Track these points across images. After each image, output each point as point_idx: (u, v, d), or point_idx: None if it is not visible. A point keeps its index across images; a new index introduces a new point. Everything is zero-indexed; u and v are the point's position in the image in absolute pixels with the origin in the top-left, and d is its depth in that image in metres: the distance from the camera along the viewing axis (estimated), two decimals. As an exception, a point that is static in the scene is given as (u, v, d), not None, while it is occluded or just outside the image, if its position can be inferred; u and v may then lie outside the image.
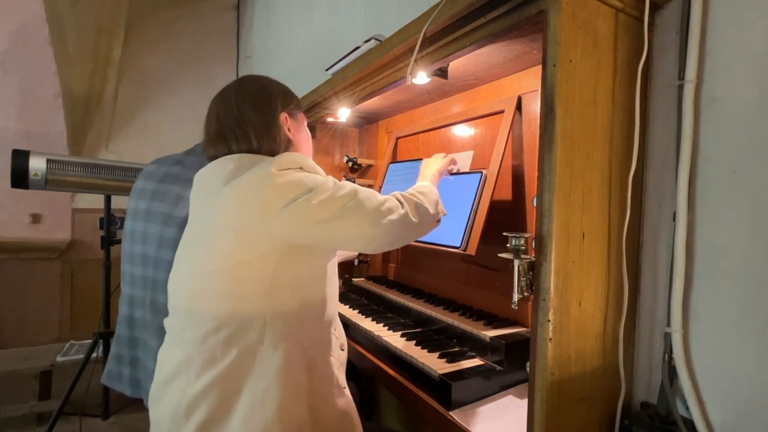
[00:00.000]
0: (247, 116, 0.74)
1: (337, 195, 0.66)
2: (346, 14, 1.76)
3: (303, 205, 0.63)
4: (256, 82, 0.79)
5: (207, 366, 0.63)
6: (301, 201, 0.63)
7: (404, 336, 1.01)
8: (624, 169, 0.68)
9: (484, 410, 0.75)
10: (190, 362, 0.65)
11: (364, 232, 0.68)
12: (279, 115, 0.77)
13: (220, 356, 0.63)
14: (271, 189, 0.63)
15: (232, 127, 0.74)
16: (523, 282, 0.66)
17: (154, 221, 0.98)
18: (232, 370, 0.63)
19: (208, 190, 0.71)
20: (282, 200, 0.63)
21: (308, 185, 0.65)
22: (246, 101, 0.76)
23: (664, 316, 0.68)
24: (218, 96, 0.79)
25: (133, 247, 1.01)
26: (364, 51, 1.05)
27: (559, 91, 0.60)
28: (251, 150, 0.74)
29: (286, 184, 0.64)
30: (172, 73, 3.15)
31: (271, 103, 0.77)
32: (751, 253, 0.61)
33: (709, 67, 0.66)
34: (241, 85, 0.79)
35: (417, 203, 0.77)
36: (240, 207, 0.64)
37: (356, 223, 0.67)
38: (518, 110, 1.00)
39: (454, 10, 0.72)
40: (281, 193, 0.63)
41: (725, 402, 0.63)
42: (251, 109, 0.75)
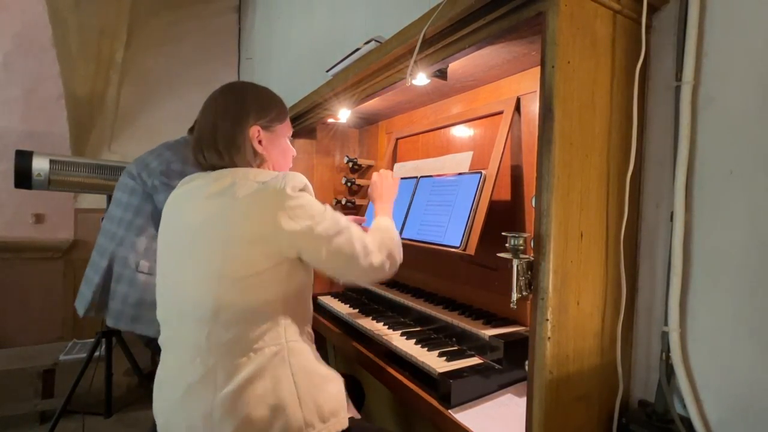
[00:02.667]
0: (219, 126, 0.77)
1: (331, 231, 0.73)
2: (346, 16, 1.77)
3: (308, 232, 0.70)
4: (235, 92, 0.80)
5: (236, 371, 0.66)
6: (307, 226, 0.70)
7: (404, 335, 1.02)
8: (622, 169, 0.69)
9: (483, 408, 0.76)
10: (216, 369, 0.66)
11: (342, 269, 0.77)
12: (248, 127, 0.78)
13: (252, 357, 0.67)
14: (283, 210, 0.69)
15: (205, 135, 0.78)
16: (522, 281, 0.67)
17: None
18: (263, 368, 0.67)
19: (203, 199, 0.74)
20: (293, 223, 0.69)
21: (313, 212, 0.72)
22: (220, 110, 0.78)
23: (662, 316, 0.69)
24: (205, 101, 0.82)
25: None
26: (364, 52, 1.06)
27: (557, 92, 0.60)
28: (221, 161, 0.77)
29: (297, 207, 0.70)
30: (173, 74, 3.16)
31: (242, 115, 0.78)
32: (747, 253, 0.61)
33: (706, 69, 0.66)
34: (221, 93, 0.81)
35: (389, 253, 0.82)
36: (255, 221, 0.69)
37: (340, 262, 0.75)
38: (517, 111, 1.00)
39: (454, 12, 0.73)
40: (293, 216, 0.70)
41: (722, 400, 0.63)
42: (222, 119, 0.77)
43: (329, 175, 1.60)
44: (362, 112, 1.45)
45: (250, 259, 0.68)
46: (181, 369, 0.70)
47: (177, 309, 0.74)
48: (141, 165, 1.30)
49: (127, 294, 1.27)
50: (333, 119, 1.44)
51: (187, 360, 0.69)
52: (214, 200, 0.72)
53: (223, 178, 0.74)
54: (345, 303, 1.31)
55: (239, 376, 0.65)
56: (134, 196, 1.29)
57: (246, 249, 0.68)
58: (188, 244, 0.73)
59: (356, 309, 1.24)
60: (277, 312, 0.71)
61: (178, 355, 0.72)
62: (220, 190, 0.72)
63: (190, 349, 0.70)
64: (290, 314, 0.73)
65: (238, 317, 0.67)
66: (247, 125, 0.77)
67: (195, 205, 0.75)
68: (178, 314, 0.74)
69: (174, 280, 0.75)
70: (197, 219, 0.73)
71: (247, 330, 0.67)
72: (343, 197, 1.57)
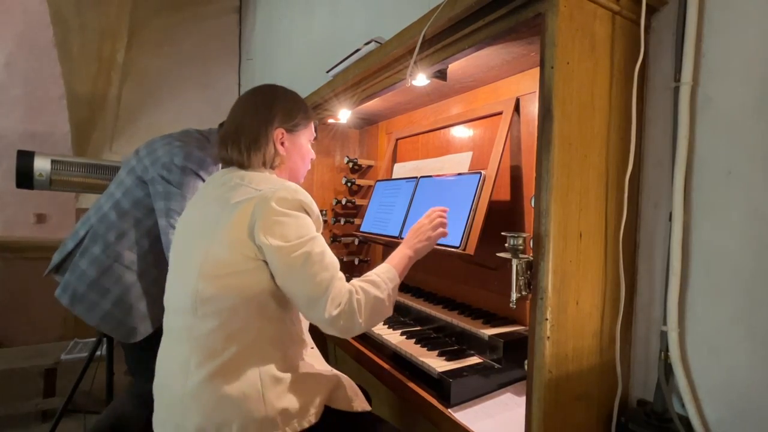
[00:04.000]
0: (244, 124, 0.81)
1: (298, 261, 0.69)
2: (346, 17, 1.77)
3: (276, 251, 0.69)
4: (264, 94, 0.85)
5: (207, 359, 0.68)
6: (276, 246, 0.68)
7: (404, 334, 1.02)
8: (621, 169, 0.69)
9: (482, 408, 0.76)
10: (192, 355, 0.70)
11: (302, 307, 0.71)
12: (273, 129, 0.81)
13: (221, 351, 0.69)
14: (261, 221, 0.69)
15: (231, 131, 0.82)
16: (522, 281, 0.67)
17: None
18: (231, 364, 0.68)
19: (211, 200, 0.78)
20: (262, 236, 0.69)
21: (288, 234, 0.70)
22: (248, 110, 0.82)
23: (660, 315, 0.69)
24: (236, 101, 0.86)
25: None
26: (365, 53, 1.06)
27: (556, 92, 0.61)
28: (241, 160, 0.80)
29: (275, 223, 0.69)
30: (174, 75, 3.17)
31: (268, 116, 0.81)
32: (745, 253, 0.61)
33: (704, 69, 0.66)
34: (252, 94, 0.85)
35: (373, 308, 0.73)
36: (236, 226, 0.70)
37: (301, 299, 0.70)
38: (516, 112, 1.01)
39: (453, 13, 0.73)
40: (266, 230, 0.69)
41: (720, 399, 0.64)
42: (249, 117, 0.81)
43: (330, 175, 1.61)
44: (362, 113, 1.45)
45: (229, 259, 0.70)
46: (168, 354, 0.77)
47: (171, 299, 0.79)
48: (149, 149, 1.24)
49: (85, 271, 1.18)
50: (333, 120, 1.44)
51: (172, 347, 0.76)
52: (215, 202, 0.76)
53: (230, 182, 0.77)
54: (345, 303, 1.31)
55: (208, 367, 0.68)
56: (129, 176, 1.24)
57: (225, 250, 0.70)
58: (187, 240, 0.78)
59: (356, 309, 1.24)
60: (256, 311, 0.71)
61: (168, 341, 0.78)
62: (222, 193, 0.76)
63: (175, 337, 0.75)
64: (271, 314, 0.72)
65: (215, 312, 0.69)
66: (273, 127, 0.81)
67: (202, 204, 0.80)
68: (171, 304, 0.79)
69: (173, 273, 0.80)
70: (198, 217, 0.78)
71: (223, 325, 0.69)
72: (343, 197, 1.58)
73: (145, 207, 1.20)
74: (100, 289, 1.16)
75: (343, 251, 1.63)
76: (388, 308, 0.77)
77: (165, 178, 1.17)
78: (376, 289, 0.75)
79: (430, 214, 0.89)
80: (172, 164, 1.17)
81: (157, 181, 1.17)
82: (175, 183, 1.16)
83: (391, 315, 1.17)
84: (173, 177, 1.16)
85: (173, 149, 1.20)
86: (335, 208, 1.60)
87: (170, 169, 1.17)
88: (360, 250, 1.67)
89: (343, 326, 0.70)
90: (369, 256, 1.64)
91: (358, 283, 0.75)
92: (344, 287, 0.72)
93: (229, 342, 0.69)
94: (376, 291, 0.74)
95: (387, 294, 0.76)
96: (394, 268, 0.80)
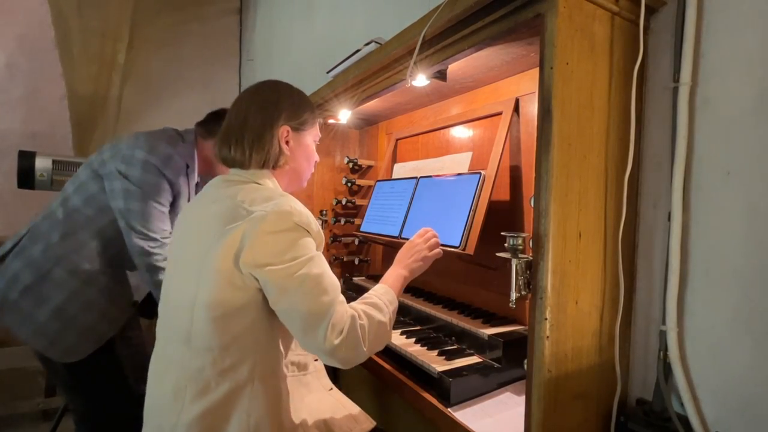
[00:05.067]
0: (249, 120, 0.76)
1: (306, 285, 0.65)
2: (346, 17, 1.77)
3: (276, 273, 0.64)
4: (271, 89, 0.80)
5: (201, 394, 0.66)
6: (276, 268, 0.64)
7: (404, 334, 1.02)
8: (620, 169, 0.70)
9: (482, 407, 0.76)
10: (186, 388, 0.67)
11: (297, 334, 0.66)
12: (279, 126, 0.76)
13: (214, 387, 0.66)
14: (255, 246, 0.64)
15: (235, 129, 0.77)
16: (521, 281, 0.67)
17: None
18: (223, 401, 0.66)
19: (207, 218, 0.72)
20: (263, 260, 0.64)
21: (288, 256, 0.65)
22: (253, 106, 0.77)
23: (660, 315, 0.69)
24: (238, 96, 0.81)
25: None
26: (365, 54, 1.07)
27: (556, 93, 0.61)
28: (243, 159, 0.75)
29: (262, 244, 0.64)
30: (175, 75, 3.17)
31: (274, 113, 0.76)
32: (744, 253, 0.62)
33: (703, 70, 0.67)
34: (257, 89, 0.80)
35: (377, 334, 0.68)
36: (227, 258, 0.65)
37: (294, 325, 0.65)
38: (516, 112, 1.01)
39: (453, 14, 0.74)
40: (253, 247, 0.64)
41: (719, 399, 0.64)
42: (254, 114, 0.76)
43: (330, 176, 1.61)
44: (362, 113, 1.46)
45: (218, 298, 0.66)
46: (162, 376, 0.72)
47: (165, 321, 0.75)
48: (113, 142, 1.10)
49: (18, 274, 0.99)
50: (334, 120, 1.45)
51: (168, 369, 0.71)
52: (208, 222, 0.71)
53: (225, 200, 0.71)
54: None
55: (203, 403, 0.66)
56: (85, 170, 1.08)
57: (214, 289, 0.66)
58: (179, 266, 0.74)
59: (357, 309, 1.24)
60: (248, 347, 0.67)
61: (163, 362, 0.74)
62: (216, 211, 0.71)
63: (170, 361, 0.72)
64: (264, 349, 0.69)
65: (208, 348, 0.67)
66: (278, 124, 0.76)
67: (197, 222, 0.75)
68: (166, 320, 0.75)
69: (168, 294, 0.76)
70: (192, 238, 0.73)
71: (215, 361, 0.66)
72: (343, 197, 1.58)
73: (98, 204, 1.04)
74: (36, 297, 0.98)
75: (343, 251, 1.64)
76: (390, 333, 0.72)
77: (122, 173, 1.00)
78: (380, 313, 0.70)
79: (424, 233, 0.86)
80: (132, 157, 1.02)
81: (113, 176, 1.01)
82: (135, 180, 1.01)
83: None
84: (132, 172, 1.01)
85: (138, 142, 1.05)
86: (335, 208, 1.60)
87: (130, 163, 1.01)
88: (360, 250, 1.67)
89: (345, 357, 0.64)
90: (369, 256, 1.65)
91: (360, 306, 0.70)
92: (346, 312, 0.66)
93: (222, 378, 0.66)
94: (379, 315, 0.70)
95: (389, 318, 0.72)
96: (392, 290, 0.76)
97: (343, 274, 1.62)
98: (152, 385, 0.74)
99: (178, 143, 1.13)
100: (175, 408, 0.67)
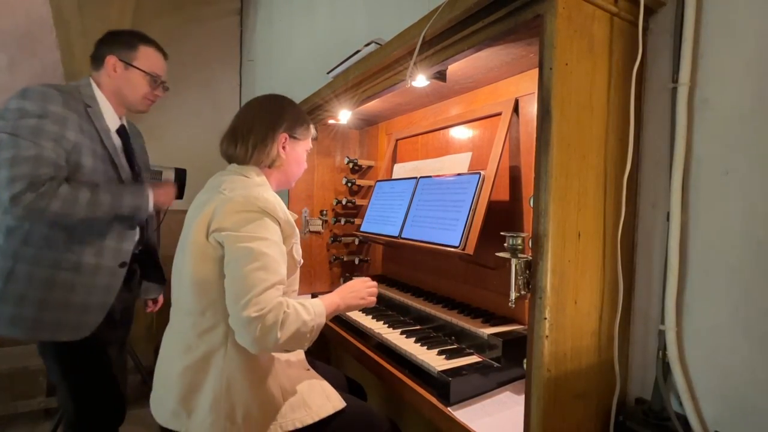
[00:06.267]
0: (255, 125, 0.89)
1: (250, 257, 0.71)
2: (346, 18, 1.78)
3: (230, 238, 0.73)
4: (278, 103, 0.93)
5: (185, 352, 0.78)
6: (231, 234, 0.73)
7: (404, 333, 1.02)
8: (619, 170, 0.70)
9: (482, 406, 0.76)
10: (176, 345, 0.80)
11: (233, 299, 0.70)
12: (279, 132, 0.89)
13: (194, 347, 0.77)
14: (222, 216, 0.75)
15: (242, 130, 0.89)
16: (520, 280, 0.67)
17: None
18: (202, 359, 0.76)
19: (197, 205, 0.85)
20: (224, 224, 0.74)
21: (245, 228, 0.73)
22: (261, 113, 0.90)
23: (658, 314, 0.70)
24: (249, 101, 0.94)
25: None
26: (365, 54, 1.07)
27: (555, 93, 0.61)
28: (245, 156, 0.88)
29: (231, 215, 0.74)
30: (175, 75, 3.16)
31: (278, 121, 0.89)
32: (742, 252, 0.62)
33: (702, 71, 0.67)
34: (265, 99, 0.94)
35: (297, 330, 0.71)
36: (200, 230, 0.77)
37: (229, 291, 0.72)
38: (515, 112, 1.01)
39: (453, 15, 0.74)
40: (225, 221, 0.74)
41: (718, 398, 0.64)
42: (261, 120, 0.89)
43: (330, 176, 1.61)
44: (363, 114, 1.46)
45: (195, 266, 0.76)
46: (167, 336, 0.86)
47: (173, 285, 0.86)
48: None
49: None
50: (334, 120, 1.45)
51: (170, 331, 0.86)
52: (198, 206, 0.84)
53: (212, 188, 0.84)
54: (345, 303, 1.32)
55: (186, 358, 0.77)
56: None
57: (191, 258, 0.77)
58: (184, 236, 0.85)
59: (357, 308, 1.25)
60: (222, 313, 0.75)
61: (170, 325, 0.87)
62: (204, 198, 0.83)
63: (172, 322, 0.86)
64: None
65: (188, 311, 0.79)
66: (279, 131, 0.89)
67: (194, 203, 0.87)
68: (173, 290, 0.86)
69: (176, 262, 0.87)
70: (189, 217, 0.86)
71: (195, 323, 0.77)
72: (343, 197, 1.59)
73: None
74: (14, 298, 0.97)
75: (343, 251, 1.64)
76: (309, 341, 0.76)
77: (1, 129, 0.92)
78: (306, 314, 0.74)
79: (366, 281, 0.93)
80: (6, 110, 0.94)
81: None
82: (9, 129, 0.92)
83: (391, 314, 1.18)
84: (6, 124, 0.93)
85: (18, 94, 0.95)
86: (335, 208, 1.61)
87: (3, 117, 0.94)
88: (360, 250, 1.67)
89: (258, 336, 0.67)
90: (369, 256, 1.65)
91: (291, 300, 0.74)
92: (277, 297, 0.70)
93: (200, 340, 0.77)
94: (305, 315, 0.74)
95: (312, 325, 0.75)
96: (324, 307, 0.80)
97: (343, 274, 1.63)
98: (163, 341, 0.87)
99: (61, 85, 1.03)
100: (173, 360, 0.80)
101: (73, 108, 1.01)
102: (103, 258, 1.06)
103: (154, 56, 1.16)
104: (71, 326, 1.02)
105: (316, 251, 1.57)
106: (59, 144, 0.97)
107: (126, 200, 1.05)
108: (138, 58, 1.10)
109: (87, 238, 1.04)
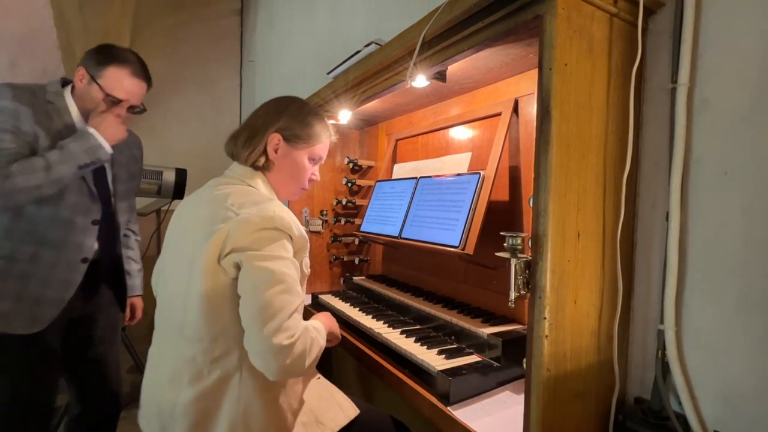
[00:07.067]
0: (252, 120, 0.86)
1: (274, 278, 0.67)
2: (347, 19, 1.78)
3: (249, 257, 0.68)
4: (284, 102, 0.87)
5: (195, 380, 0.71)
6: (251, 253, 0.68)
7: (404, 333, 1.03)
8: (618, 170, 0.70)
9: (481, 405, 0.77)
10: (182, 374, 0.72)
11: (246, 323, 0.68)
12: (270, 131, 0.82)
13: (206, 374, 0.71)
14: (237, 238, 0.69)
15: (243, 127, 0.86)
16: (520, 280, 0.68)
17: None
18: (215, 387, 0.71)
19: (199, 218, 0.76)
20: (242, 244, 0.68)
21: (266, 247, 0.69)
22: (264, 110, 0.86)
23: (658, 314, 0.70)
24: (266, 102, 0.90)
25: None
26: (365, 55, 1.07)
27: (554, 94, 0.61)
28: (237, 153, 0.84)
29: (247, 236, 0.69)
30: (176, 76, 3.18)
31: (272, 119, 0.83)
32: (742, 252, 0.62)
33: (701, 71, 0.67)
34: (277, 99, 0.89)
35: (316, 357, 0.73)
36: (212, 254, 0.70)
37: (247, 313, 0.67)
38: (515, 113, 1.01)
39: (453, 15, 0.74)
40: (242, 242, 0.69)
41: (717, 397, 0.64)
42: (260, 116, 0.85)
43: (330, 176, 1.61)
44: (363, 114, 1.46)
45: (206, 291, 0.70)
46: (161, 357, 0.79)
47: (163, 306, 0.80)
48: None
49: None
50: (334, 121, 1.45)
51: (166, 350, 0.77)
52: (200, 220, 0.76)
53: (216, 200, 0.76)
54: (345, 302, 1.32)
55: (196, 387, 0.71)
56: None
57: (202, 282, 0.70)
58: (175, 257, 0.79)
59: (357, 308, 1.25)
60: (236, 338, 0.70)
61: (162, 343, 0.80)
62: (208, 212, 0.75)
63: (166, 344, 0.78)
64: None
65: (198, 337, 0.71)
66: (271, 129, 0.82)
67: (190, 214, 0.80)
68: (163, 311, 0.80)
69: (164, 279, 0.81)
70: (185, 230, 0.79)
71: (206, 350, 0.71)
72: (343, 197, 1.59)
73: None
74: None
75: (343, 251, 1.64)
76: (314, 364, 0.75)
77: None
78: (322, 339, 0.76)
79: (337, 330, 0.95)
80: None
81: None
82: None
83: (391, 314, 1.19)
84: None
85: None
86: (336, 208, 1.61)
87: None
88: (360, 250, 1.67)
89: (288, 364, 0.65)
90: (369, 256, 1.65)
91: (309, 325, 0.74)
92: (302, 322, 0.70)
93: (213, 366, 0.71)
94: (322, 341, 0.75)
95: (319, 348, 0.75)
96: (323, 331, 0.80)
97: (343, 274, 1.63)
98: (150, 370, 0.80)
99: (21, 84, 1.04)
100: (172, 391, 0.72)
101: (26, 102, 1.00)
102: (64, 252, 1.05)
103: (126, 80, 1.10)
104: (23, 318, 1.00)
105: (317, 251, 1.58)
106: (18, 136, 0.97)
107: (74, 148, 0.99)
108: (104, 77, 1.07)
109: (50, 231, 1.03)
